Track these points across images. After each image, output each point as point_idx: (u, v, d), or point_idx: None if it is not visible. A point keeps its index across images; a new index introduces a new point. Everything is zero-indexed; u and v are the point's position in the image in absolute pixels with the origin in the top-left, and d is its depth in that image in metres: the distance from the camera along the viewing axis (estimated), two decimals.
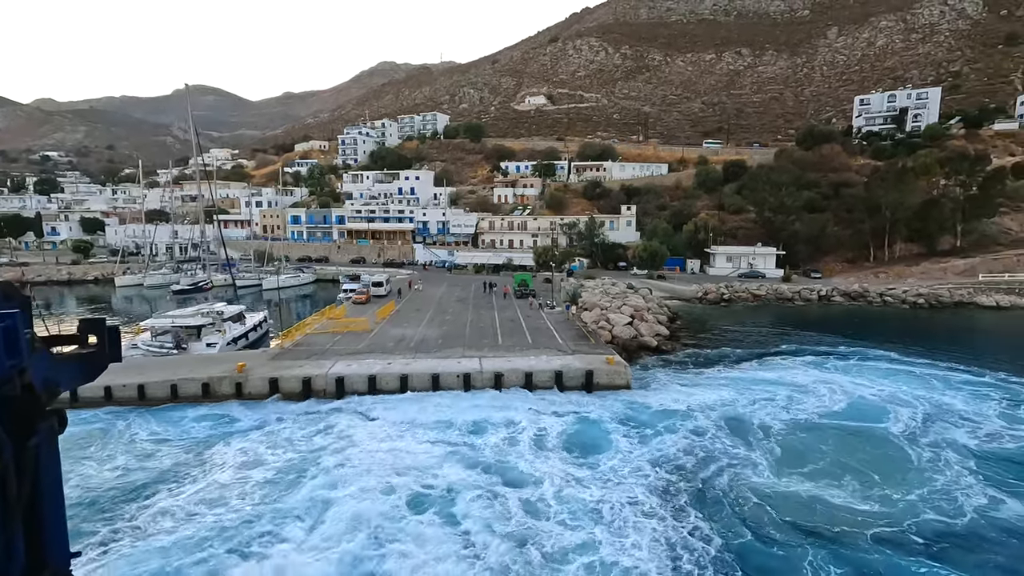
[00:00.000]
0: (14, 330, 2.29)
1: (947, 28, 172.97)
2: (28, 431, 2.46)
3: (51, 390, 2.64)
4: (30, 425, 2.48)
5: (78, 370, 2.89)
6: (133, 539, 17.10)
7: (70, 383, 2.82)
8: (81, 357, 2.91)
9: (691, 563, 15.62)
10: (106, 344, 3.03)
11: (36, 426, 2.51)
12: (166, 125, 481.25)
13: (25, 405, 2.44)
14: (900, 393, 30.17)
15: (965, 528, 17.68)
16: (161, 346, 35.38)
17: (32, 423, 2.49)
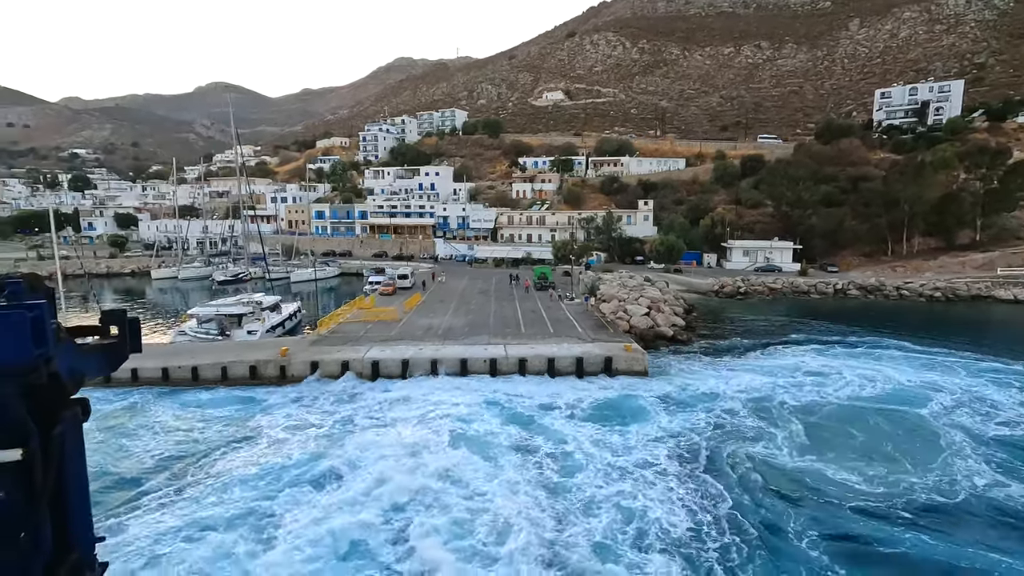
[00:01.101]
0: (41, 320, 2.38)
1: (973, 18, 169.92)
2: (54, 419, 2.51)
3: (76, 379, 2.68)
4: (56, 414, 2.53)
5: (101, 360, 2.93)
6: (217, 476, 20.26)
7: (94, 373, 2.87)
8: (104, 348, 2.97)
9: (703, 512, 17.72)
10: (127, 335, 3.06)
11: (61, 415, 2.55)
12: (188, 122, 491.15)
13: (51, 394, 2.49)
14: (913, 379, 31.53)
15: (973, 506, 18.98)
16: (207, 332, 37.95)
17: (58, 412, 2.54)
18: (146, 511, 18.21)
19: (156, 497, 19.13)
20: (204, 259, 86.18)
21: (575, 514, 17.78)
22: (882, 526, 17.54)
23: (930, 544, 16.54)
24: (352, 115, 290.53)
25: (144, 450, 23.04)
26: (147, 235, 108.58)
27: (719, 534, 16.94)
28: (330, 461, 21.27)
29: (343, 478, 20.08)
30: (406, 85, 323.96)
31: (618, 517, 17.58)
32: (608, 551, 15.86)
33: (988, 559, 15.91)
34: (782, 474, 21.05)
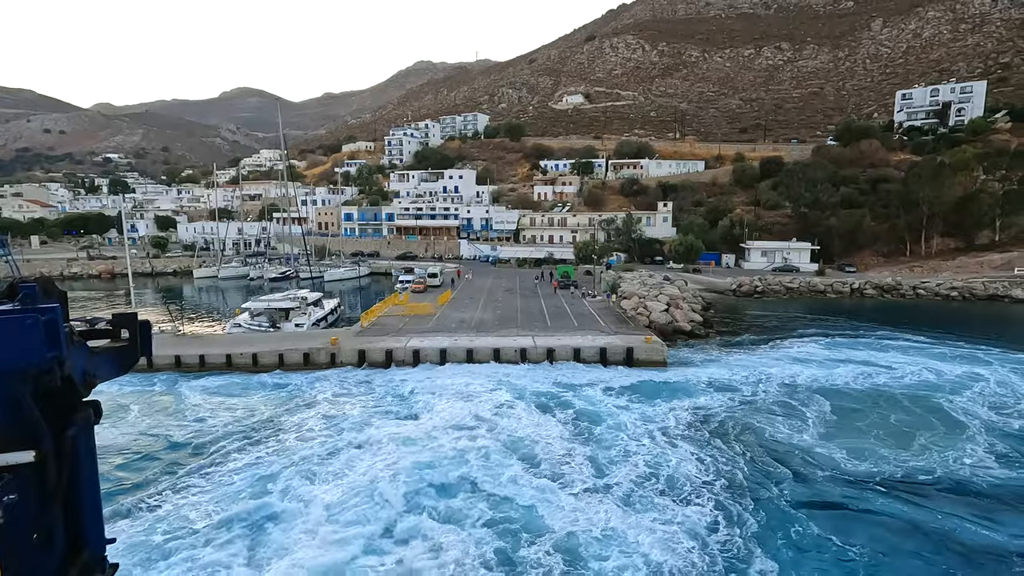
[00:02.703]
0: (55, 323, 2.39)
1: (999, 17, 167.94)
2: (67, 421, 2.52)
3: (88, 382, 2.69)
4: (69, 416, 2.54)
5: (112, 363, 2.95)
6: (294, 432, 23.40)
7: (105, 375, 2.88)
8: (115, 351, 3.00)
9: (711, 464, 20.59)
10: (138, 338, 3.09)
11: (74, 417, 2.56)
12: (214, 127, 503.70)
13: (64, 396, 2.50)
14: (923, 368, 33.81)
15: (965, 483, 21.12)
16: (259, 325, 41.47)
17: (70, 414, 2.55)
18: (256, 452, 22.90)
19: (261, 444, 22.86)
20: (241, 259, 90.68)
21: (607, 458, 22.00)
22: (861, 492, 20.05)
23: (924, 514, 18.80)
24: (375, 119, 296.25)
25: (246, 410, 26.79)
26: (185, 236, 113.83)
27: (723, 488, 19.78)
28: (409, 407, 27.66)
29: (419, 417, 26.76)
30: (427, 89, 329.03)
31: (642, 464, 21.51)
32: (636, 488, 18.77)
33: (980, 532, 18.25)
34: (781, 444, 23.81)
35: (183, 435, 24.92)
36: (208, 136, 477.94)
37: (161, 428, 25.77)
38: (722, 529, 17.57)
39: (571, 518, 17.91)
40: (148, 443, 24.28)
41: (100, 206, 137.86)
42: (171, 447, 23.93)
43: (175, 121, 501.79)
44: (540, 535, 17.22)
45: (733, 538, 17.12)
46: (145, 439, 24.63)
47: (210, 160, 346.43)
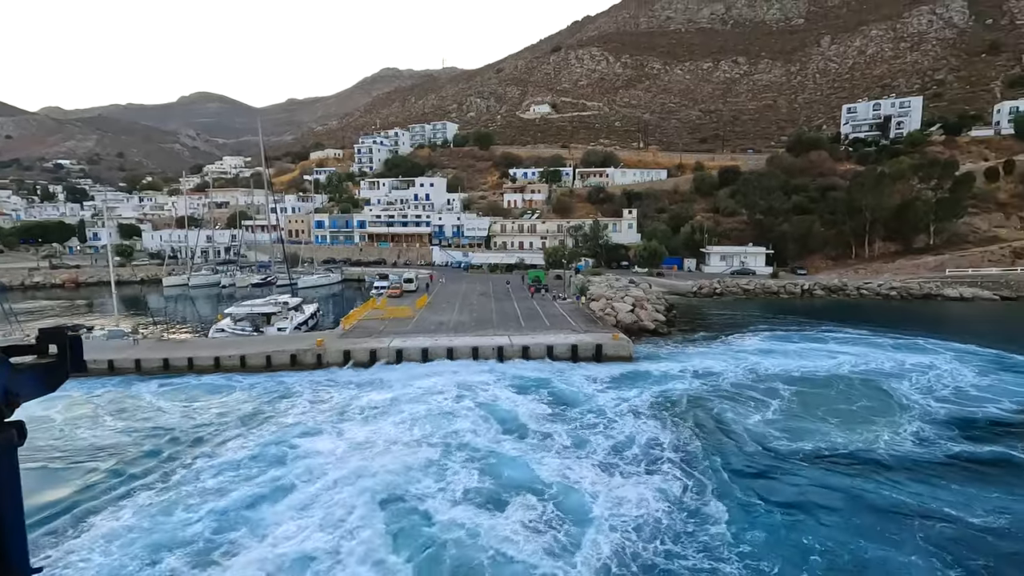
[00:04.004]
0: None
1: (934, 37, 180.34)
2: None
3: (10, 401, 2.49)
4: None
5: (38, 381, 2.70)
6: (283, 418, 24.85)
7: (30, 394, 2.62)
8: (41, 368, 2.76)
9: (674, 439, 23.34)
10: (68, 354, 2.85)
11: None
12: (173, 132, 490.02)
13: None
14: (863, 358, 37.63)
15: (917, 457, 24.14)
16: (242, 329, 42.63)
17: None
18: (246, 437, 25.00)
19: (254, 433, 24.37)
20: (211, 267, 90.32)
21: (584, 431, 25.36)
22: (800, 462, 23.10)
23: (849, 485, 21.90)
24: (342, 126, 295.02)
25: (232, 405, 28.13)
26: (151, 245, 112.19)
27: (684, 458, 22.70)
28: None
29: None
30: (394, 96, 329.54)
31: (615, 436, 24.93)
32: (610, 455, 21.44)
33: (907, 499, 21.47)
34: (734, 423, 26.87)
35: (181, 429, 26.42)
36: (166, 142, 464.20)
37: (147, 425, 27.22)
38: (683, 492, 20.34)
39: (555, 474, 21.21)
40: (131, 442, 25.57)
41: (59, 214, 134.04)
42: (169, 440, 25.44)
43: (130, 126, 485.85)
44: (527, 484, 20.47)
45: (692, 497, 19.91)
46: (128, 439, 25.88)
47: (169, 167, 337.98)
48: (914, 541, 17.62)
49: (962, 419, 27.73)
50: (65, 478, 22.08)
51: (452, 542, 17.46)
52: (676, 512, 19.12)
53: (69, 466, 23.20)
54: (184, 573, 16.24)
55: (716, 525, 18.43)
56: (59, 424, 27.12)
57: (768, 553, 16.91)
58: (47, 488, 21.02)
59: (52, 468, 22.95)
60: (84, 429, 26.66)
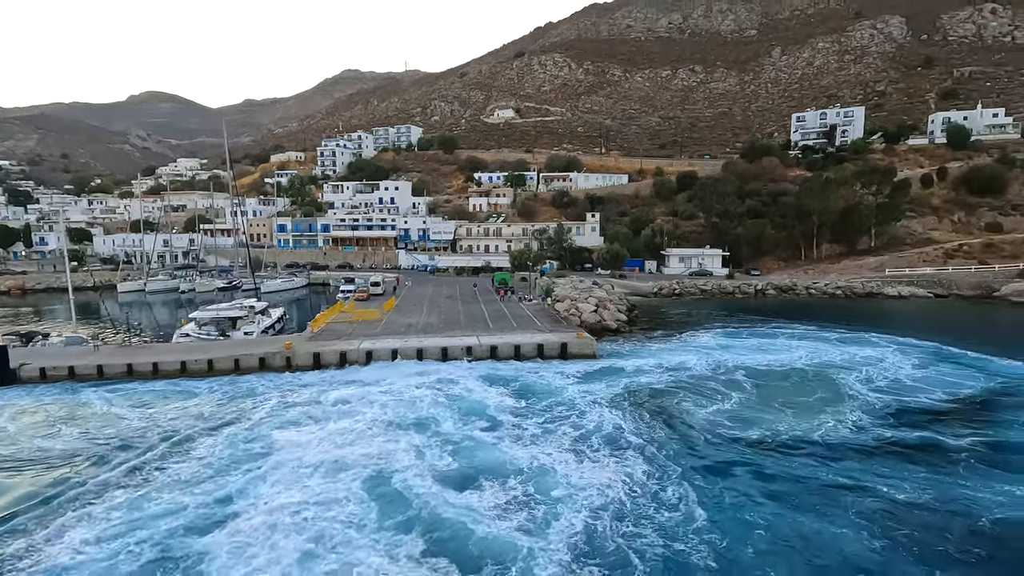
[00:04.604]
0: None
1: (876, 50, 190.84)
2: None
3: None
4: None
5: None
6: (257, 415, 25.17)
7: None
8: None
9: (637, 427, 25.05)
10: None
11: None
12: (122, 133, 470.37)
13: None
14: (813, 352, 40.36)
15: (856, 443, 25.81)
16: (208, 334, 42.30)
17: None
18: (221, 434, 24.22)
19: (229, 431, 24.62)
20: (168, 272, 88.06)
21: (552, 419, 27.08)
22: (750, 447, 25.09)
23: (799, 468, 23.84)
24: (303, 129, 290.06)
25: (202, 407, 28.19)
26: (103, 250, 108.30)
27: (646, 444, 24.33)
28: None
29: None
30: (357, 99, 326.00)
31: (582, 425, 26.68)
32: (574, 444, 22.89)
33: None
34: (692, 412, 28.84)
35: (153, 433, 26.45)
36: (115, 142, 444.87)
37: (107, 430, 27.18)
38: (646, 476, 21.95)
39: (527, 460, 22.88)
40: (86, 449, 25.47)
41: (0, 218, 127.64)
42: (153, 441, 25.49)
43: (75, 125, 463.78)
44: (501, 469, 22.18)
45: (653, 482, 21.51)
46: (89, 443, 25.78)
47: (119, 168, 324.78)
48: (847, 516, 19.58)
49: (897, 408, 30.13)
50: (32, 482, 22.02)
51: (431, 519, 18.81)
52: (639, 495, 20.64)
53: (40, 472, 23.09)
54: (164, 566, 16.76)
55: (673, 506, 20.01)
56: (12, 433, 26.73)
57: (718, 530, 18.53)
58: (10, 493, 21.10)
59: (15, 474, 22.83)
60: (41, 437, 26.28)
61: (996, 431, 27.16)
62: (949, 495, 20.99)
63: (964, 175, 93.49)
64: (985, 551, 17.64)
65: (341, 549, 17.29)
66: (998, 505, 20.29)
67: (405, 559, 16.91)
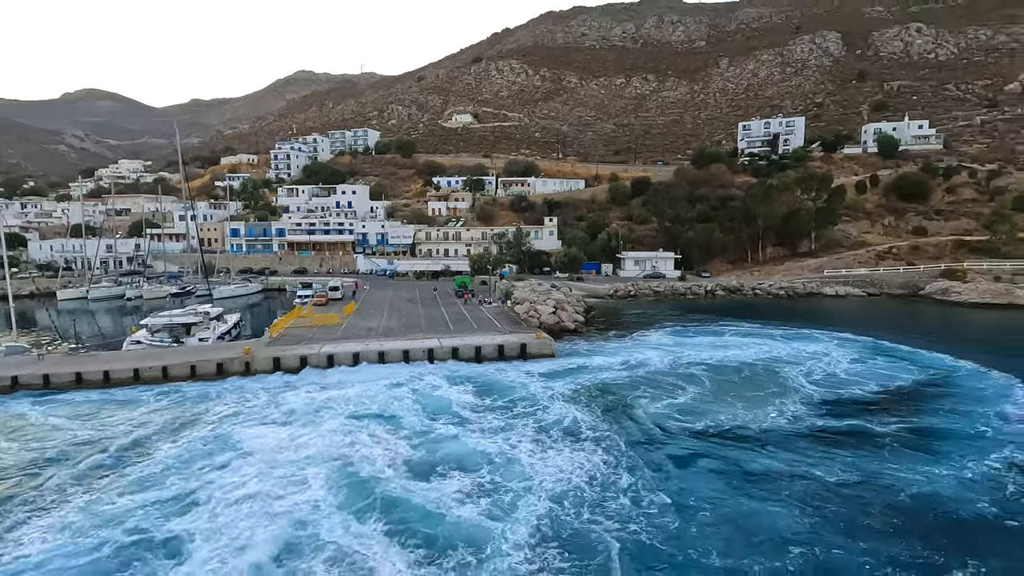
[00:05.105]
0: None
1: (814, 64, 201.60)
2: None
3: None
4: None
5: None
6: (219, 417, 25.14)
7: None
8: None
9: (594, 420, 26.31)
10: None
11: None
12: (57, 132, 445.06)
13: None
14: (761, 347, 42.96)
15: (800, 432, 28.08)
16: (161, 341, 41.27)
17: None
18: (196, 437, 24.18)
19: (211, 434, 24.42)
20: (113, 279, 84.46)
21: (515, 414, 27.53)
22: (698, 437, 26.90)
23: (740, 456, 25.66)
24: (254, 130, 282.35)
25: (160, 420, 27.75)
26: (39, 255, 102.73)
27: (603, 435, 25.69)
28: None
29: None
30: (311, 101, 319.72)
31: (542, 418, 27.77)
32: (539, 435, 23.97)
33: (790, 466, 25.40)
34: (646, 405, 30.42)
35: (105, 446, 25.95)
36: (49, 143, 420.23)
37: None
38: (602, 465, 23.31)
39: (490, 451, 24.14)
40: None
41: None
42: None
43: (4, 124, 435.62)
44: (466, 459, 23.37)
45: (608, 470, 22.86)
46: (37, 455, 25.10)
47: (53, 170, 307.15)
48: (780, 495, 21.43)
49: (833, 400, 32.57)
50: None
51: (400, 505, 19.85)
52: (596, 482, 21.94)
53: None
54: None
55: (627, 492, 21.38)
56: None
57: (668, 512, 19.99)
58: None
59: None
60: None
61: (920, 418, 29.77)
62: (873, 475, 23.13)
63: (893, 182, 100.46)
64: (901, 522, 19.66)
65: (312, 529, 18.09)
66: (916, 482, 22.53)
67: (376, 542, 17.74)
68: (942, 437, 27.17)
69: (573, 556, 17.29)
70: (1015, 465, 23.91)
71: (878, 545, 18.04)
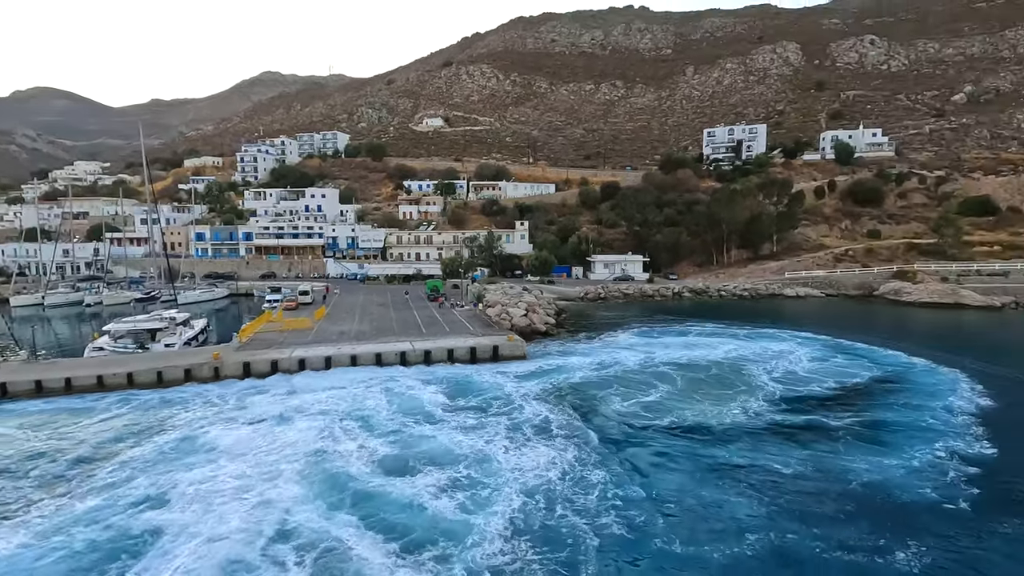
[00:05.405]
0: None
1: (776, 73, 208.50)
2: None
3: None
4: None
5: None
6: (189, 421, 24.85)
7: None
8: None
9: (564, 417, 27.35)
10: None
11: None
12: (7, 132, 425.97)
13: None
14: (727, 347, 44.45)
15: (759, 427, 29.25)
16: (124, 347, 40.34)
17: None
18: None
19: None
20: (70, 284, 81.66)
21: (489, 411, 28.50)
22: (660, 432, 27.92)
23: (705, 450, 26.76)
24: (219, 132, 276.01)
25: None
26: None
27: (572, 432, 26.47)
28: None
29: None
30: (278, 102, 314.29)
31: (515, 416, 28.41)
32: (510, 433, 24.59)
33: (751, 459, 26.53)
34: (615, 403, 31.44)
35: None
36: None
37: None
38: (574, 460, 24.08)
39: (464, 448, 24.88)
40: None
41: None
42: None
43: None
44: (441, 454, 23.98)
45: (578, 467, 23.60)
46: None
47: (3, 172, 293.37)
48: (739, 487, 22.46)
49: (792, 396, 33.89)
50: None
51: (376, 498, 20.41)
52: (567, 477, 22.63)
53: None
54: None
55: (596, 487, 22.14)
56: None
57: (634, 505, 20.79)
58: None
59: None
60: None
61: (873, 412, 31.30)
62: (826, 466, 24.39)
63: (850, 188, 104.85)
64: (852, 508, 20.86)
65: (287, 522, 18.64)
66: (866, 472, 23.85)
67: (352, 534, 18.22)
68: (893, 430, 28.68)
69: (545, 548, 17.90)
70: (956, 453, 25.51)
71: (830, 530, 19.16)
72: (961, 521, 19.87)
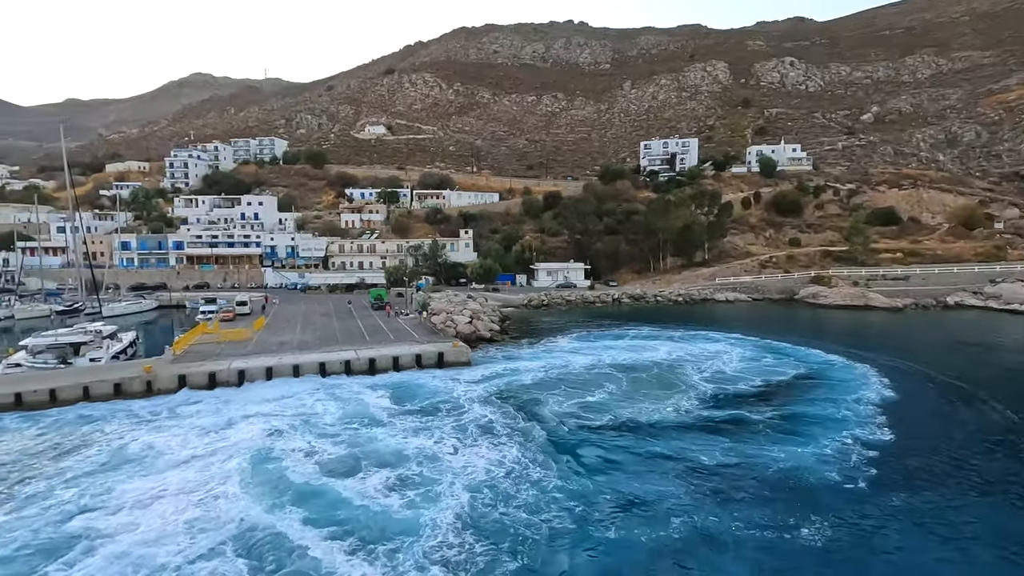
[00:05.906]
0: None
1: (706, 90, 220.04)
2: None
3: None
4: None
5: None
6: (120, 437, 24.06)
7: None
8: None
9: (508, 418, 27.99)
10: None
11: None
12: None
13: None
14: (663, 349, 46.83)
15: (689, 423, 31.30)
16: (44, 363, 38.05)
17: None
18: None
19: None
20: None
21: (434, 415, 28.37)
22: (601, 431, 29.55)
23: (646, 446, 28.54)
24: (144, 135, 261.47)
25: None
26: None
27: (515, 431, 27.48)
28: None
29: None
30: (210, 106, 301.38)
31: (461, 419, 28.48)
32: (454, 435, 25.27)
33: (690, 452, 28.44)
34: (556, 404, 32.73)
35: None
36: None
37: None
38: (517, 458, 25.17)
39: (412, 447, 25.54)
40: None
41: None
42: None
43: None
44: (389, 454, 24.64)
45: (522, 462, 24.80)
46: None
47: None
48: (668, 476, 24.31)
49: (720, 393, 36.42)
50: None
51: (325, 498, 20.80)
52: (510, 474, 23.70)
53: None
54: None
55: (538, 483, 23.31)
56: None
57: (573, 498, 22.12)
58: None
59: None
60: None
61: (792, 406, 34.08)
62: (747, 456, 26.63)
63: (773, 199, 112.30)
64: (768, 492, 22.99)
65: (232, 522, 18.87)
66: (781, 459, 26.20)
67: (300, 530, 18.66)
68: (808, 422, 31.42)
69: (491, 540, 18.86)
70: (860, 440, 28.41)
71: (747, 512, 21.12)
72: (859, 498, 22.38)
